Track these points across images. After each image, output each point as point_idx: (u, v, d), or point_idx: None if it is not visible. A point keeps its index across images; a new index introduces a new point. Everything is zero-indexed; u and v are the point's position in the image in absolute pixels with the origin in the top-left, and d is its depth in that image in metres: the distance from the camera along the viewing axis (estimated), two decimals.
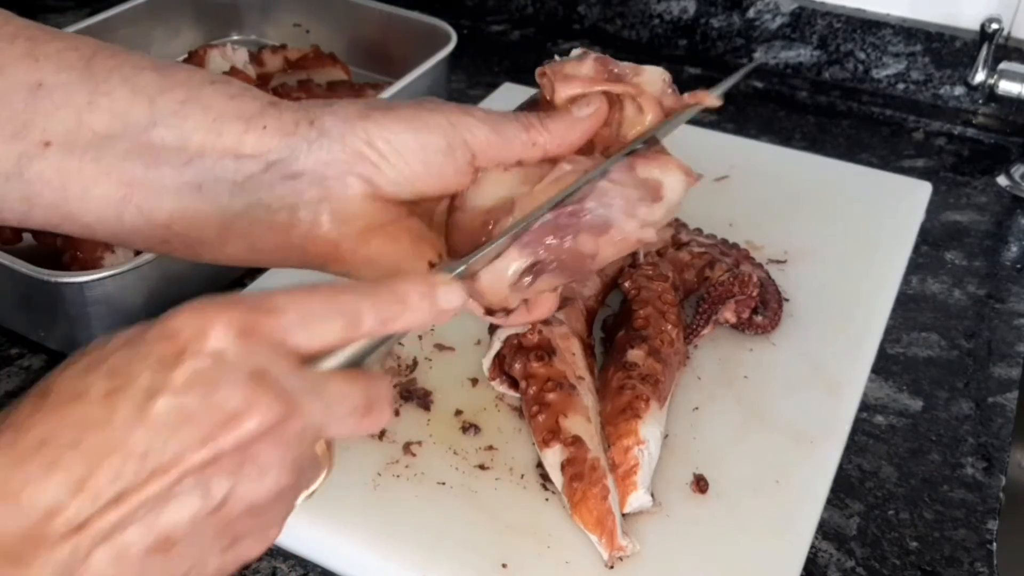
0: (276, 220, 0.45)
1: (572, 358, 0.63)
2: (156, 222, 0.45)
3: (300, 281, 0.40)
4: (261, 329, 0.36)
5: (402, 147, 0.45)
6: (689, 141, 0.93)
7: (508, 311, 0.48)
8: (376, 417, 0.38)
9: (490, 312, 0.48)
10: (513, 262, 0.45)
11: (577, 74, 0.50)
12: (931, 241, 0.85)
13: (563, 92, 0.49)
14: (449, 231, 0.47)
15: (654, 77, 0.51)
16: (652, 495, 0.57)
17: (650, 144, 0.50)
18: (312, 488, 0.39)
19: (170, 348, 0.34)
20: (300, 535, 0.57)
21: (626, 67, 0.51)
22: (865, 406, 0.68)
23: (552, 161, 0.48)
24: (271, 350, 0.35)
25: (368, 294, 0.38)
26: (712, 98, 0.52)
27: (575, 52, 0.52)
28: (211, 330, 0.34)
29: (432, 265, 0.46)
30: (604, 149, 0.50)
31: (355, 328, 0.38)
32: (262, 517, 0.36)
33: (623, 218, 0.47)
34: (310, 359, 0.37)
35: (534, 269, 0.46)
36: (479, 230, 0.46)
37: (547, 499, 0.58)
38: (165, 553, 0.33)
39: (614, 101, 0.50)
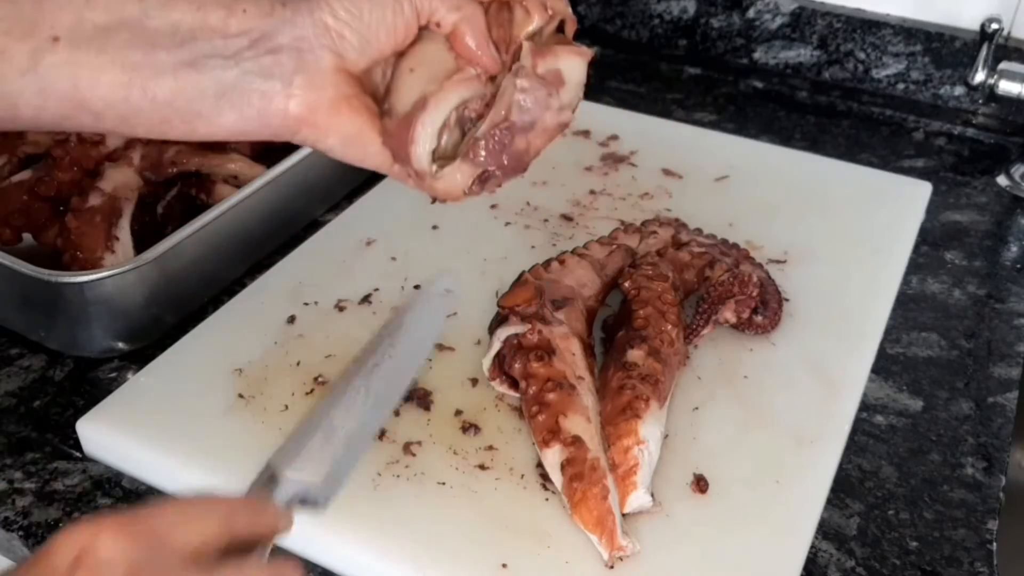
0: (262, 88, 0.51)
1: (572, 358, 0.63)
2: (158, 100, 0.50)
3: (299, 282, 0.41)
4: (140, 528, 0.38)
5: (360, 11, 0.52)
6: (689, 141, 0.94)
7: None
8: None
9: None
10: (464, 175, 0.54)
11: None
12: (931, 241, 0.85)
13: None
14: (383, 136, 0.54)
15: None
16: (652, 495, 0.57)
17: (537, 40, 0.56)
18: None
19: (54, 564, 0.36)
20: (300, 535, 0.57)
21: None
22: (865, 406, 0.68)
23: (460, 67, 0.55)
24: (152, 545, 0.38)
25: (240, 502, 0.43)
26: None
27: None
28: (95, 539, 0.37)
29: (383, 140, 0.54)
30: (502, 48, 0.56)
31: (229, 526, 0.41)
32: None
33: (542, 112, 0.54)
34: (198, 557, 0.39)
35: (482, 176, 0.54)
36: (405, 129, 0.54)
37: (547, 499, 0.58)
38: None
39: (505, 4, 0.56)
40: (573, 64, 0.56)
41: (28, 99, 0.50)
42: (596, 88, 1.08)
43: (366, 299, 0.74)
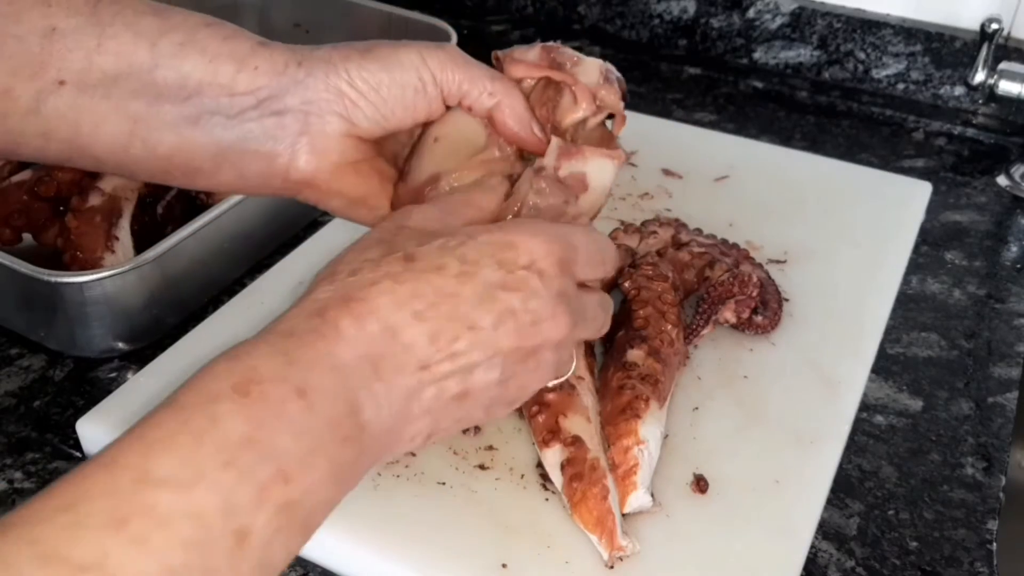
0: (262, 150, 0.50)
1: None
2: (158, 153, 0.50)
3: (300, 281, 0.44)
4: (568, 263, 0.47)
5: (378, 85, 0.50)
6: (689, 141, 0.94)
7: None
8: (606, 322, 0.52)
9: None
10: None
11: (524, 59, 0.54)
12: (931, 241, 0.85)
13: (510, 75, 0.54)
14: (393, 200, 0.54)
15: (591, 68, 0.55)
16: (652, 495, 0.57)
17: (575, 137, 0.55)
18: (562, 378, 0.52)
19: (510, 256, 0.45)
20: None
21: (569, 55, 0.55)
22: (865, 406, 0.68)
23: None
24: (570, 279, 0.47)
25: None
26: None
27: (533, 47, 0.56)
28: (539, 253, 0.46)
29: (391, 203, 0.54)
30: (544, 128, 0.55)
31: (606, 270, 0.51)
32: (520, 394, 0.48)
33: (555, 218, 0.51)
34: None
35: None
36: (411, 202, 0.53)
37: (547, 499, 0.58)
38: (461, 401, 0.45)
39: (552, 84, 0.54)
40: (602, 167, 0.53)
41: (29, 139, 0.50)
42: None
43: None
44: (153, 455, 0.35)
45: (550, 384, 0.50)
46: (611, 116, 0.56)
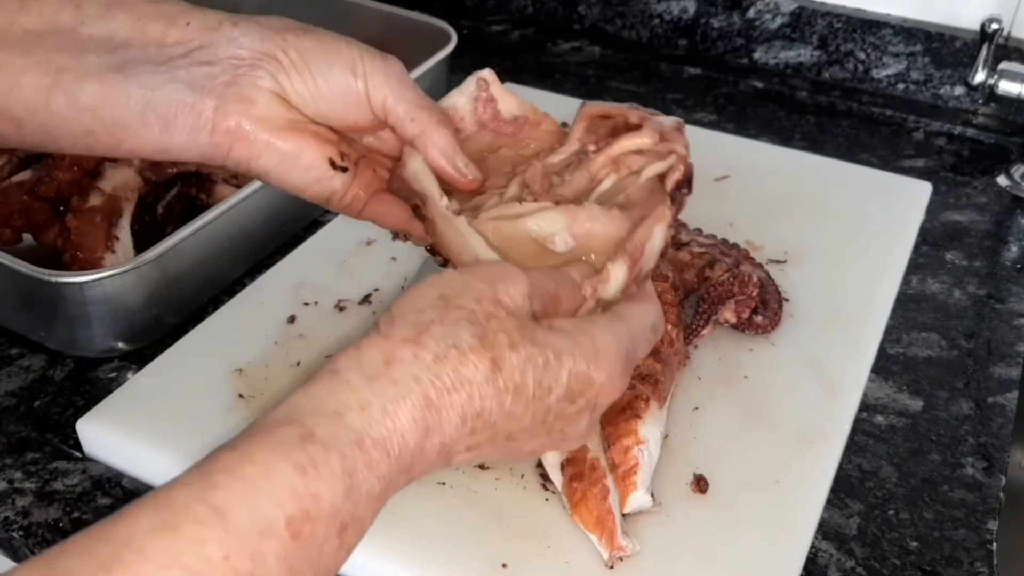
0: (188, 100, 0.48)
1: None
2: (82, 105, 0.48)
3: (300, 281, 0.42)
4: (624, 375, 0.47)
5: (311, 61, 0.49)
6: (689, 141, 0.94)
7: None
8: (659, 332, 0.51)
9: None
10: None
11: (606, 106, 0.54)
12: (931, 241, 0.85)
13: (588, 112, 0.54)
14: (390, 184, 0.53)
15: (666, 119, 0.54)
16: (652, 495, 0.57)
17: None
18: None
19: (579, 390, 0.45)
20: None
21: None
22: (865, 406, 0.68)
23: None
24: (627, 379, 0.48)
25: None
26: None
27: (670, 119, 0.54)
28: (605, 392, 0.46)
29: (332, 163, 0.50)
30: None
31: (635, 261, 0.49)
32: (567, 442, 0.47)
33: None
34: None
35: None
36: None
37: (547, 499, 0.58)
38: (509, 441, 0.43)
39: (616, 124, 0.53)
40: (656, 233, 0.50)
41: None
42: (596, 88, 1.08)
43: (366, 299, 0.74)
44: None
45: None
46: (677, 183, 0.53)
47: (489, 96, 0.55)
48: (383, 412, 0.38)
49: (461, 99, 0.55)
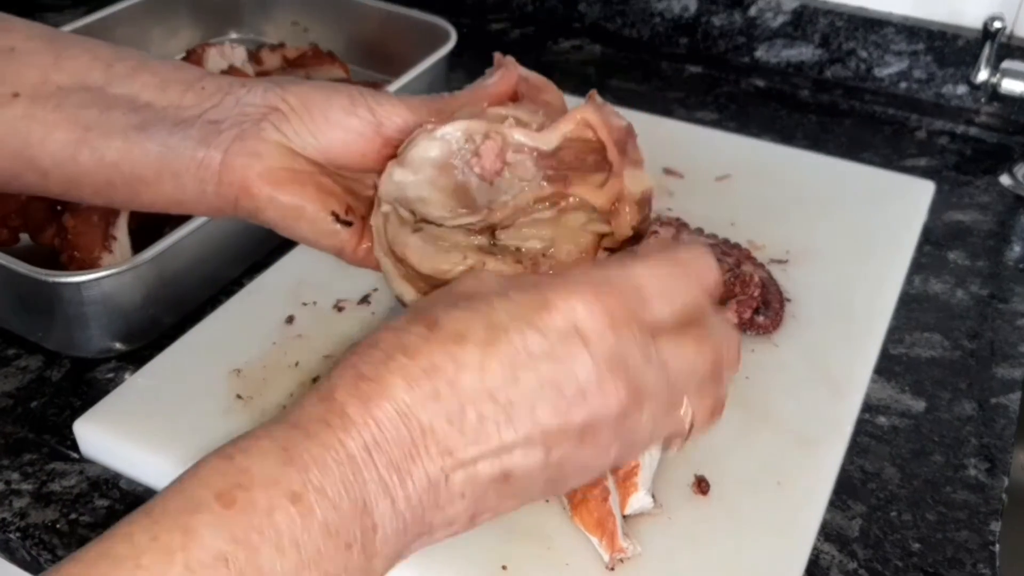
0: (197, 155, 0.50)
1: None
2: (107, 161, 0.51)
3: (299, 281, 0.42)
4: (623, 315, 0.40)
5: (309, 103, 0.50)
6: (690, 140, 0.93)
7: None
8: (721, 375, 0.44)
9: None
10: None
11: (600, 113, 0.49)
12: (934, 241, 0.84)
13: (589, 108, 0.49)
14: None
15: (642, 179, 0.49)
16: (653, 496, 0.57)
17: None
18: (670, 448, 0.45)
19: (545, 318, 0.39)
20: None
21: (637, 153, 0.50)
22: (867, 407, 0.68)
23: None
24: (632, 335, 0.40)
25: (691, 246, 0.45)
26: None
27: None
28: (581, 313, 0.39)
29: (335, 215, 0.50)
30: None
31: (701, 284, 0.44)
32: (583, 474, 0.42)
33: None
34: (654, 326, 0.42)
35: None
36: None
37: (547, 500, 0.58)
38: (503, 483, 0.40)
39: (598, 158, 0.49)
40: (638, 179, 0.47)
41: None
42: (597, 87, 1.08)
43: (365, 299, 0.73)
44: None
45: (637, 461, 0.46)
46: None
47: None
48: (317, 400, 0.39)
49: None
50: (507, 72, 0.51)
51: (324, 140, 0.50)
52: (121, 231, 0.75)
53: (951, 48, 1.01)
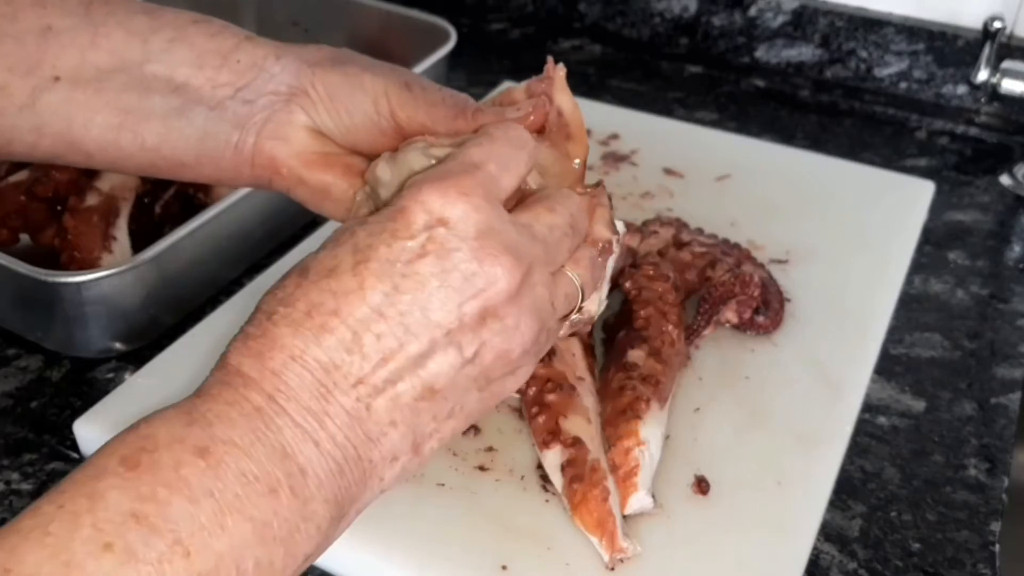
0: (232, 139, 0.51)
1: (572, 359, 0.63)
2: (147, 145, 0.52)
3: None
4: (477, 191, 0.40)
5: (336, 98, 0.51)
6: (691, 140, 0.93)
7: None
8: (582, 230, 0.46)
9: None
10: None
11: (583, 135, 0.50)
12: (934, 241, 0.84)
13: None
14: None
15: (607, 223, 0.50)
16: (653, 496, 0.57)
17: None
18: (575, 313, 0.46)
19: (403, 222, 0.39)
20: None
21: (605, 197, 0.50)
22: (867, 407, 0.67)
23: None
24: (489, 208, 0.40)
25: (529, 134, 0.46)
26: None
27: None
28: (434, 202, 0.39)
29: None
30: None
31: (533, 155, 0.45)
32: (514, 360, 0.41)
33: None
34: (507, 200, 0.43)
35: None
36: None
37: (547, 500, 0.58)
38: (431, 399, 0.39)
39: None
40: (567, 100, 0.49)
41: (22, 135, 0.51)
42: (597, 87, 1.08)
43: None
44: (20, 550, 0.32)
45: (562, 331, 0.45)
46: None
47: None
48: (216, 370, 0.39)
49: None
50: (539, 106, 0.49)
51: (348, 130, 0.52)
52: (121, 231, 0.75)
53: (951, 48, 1.01)
